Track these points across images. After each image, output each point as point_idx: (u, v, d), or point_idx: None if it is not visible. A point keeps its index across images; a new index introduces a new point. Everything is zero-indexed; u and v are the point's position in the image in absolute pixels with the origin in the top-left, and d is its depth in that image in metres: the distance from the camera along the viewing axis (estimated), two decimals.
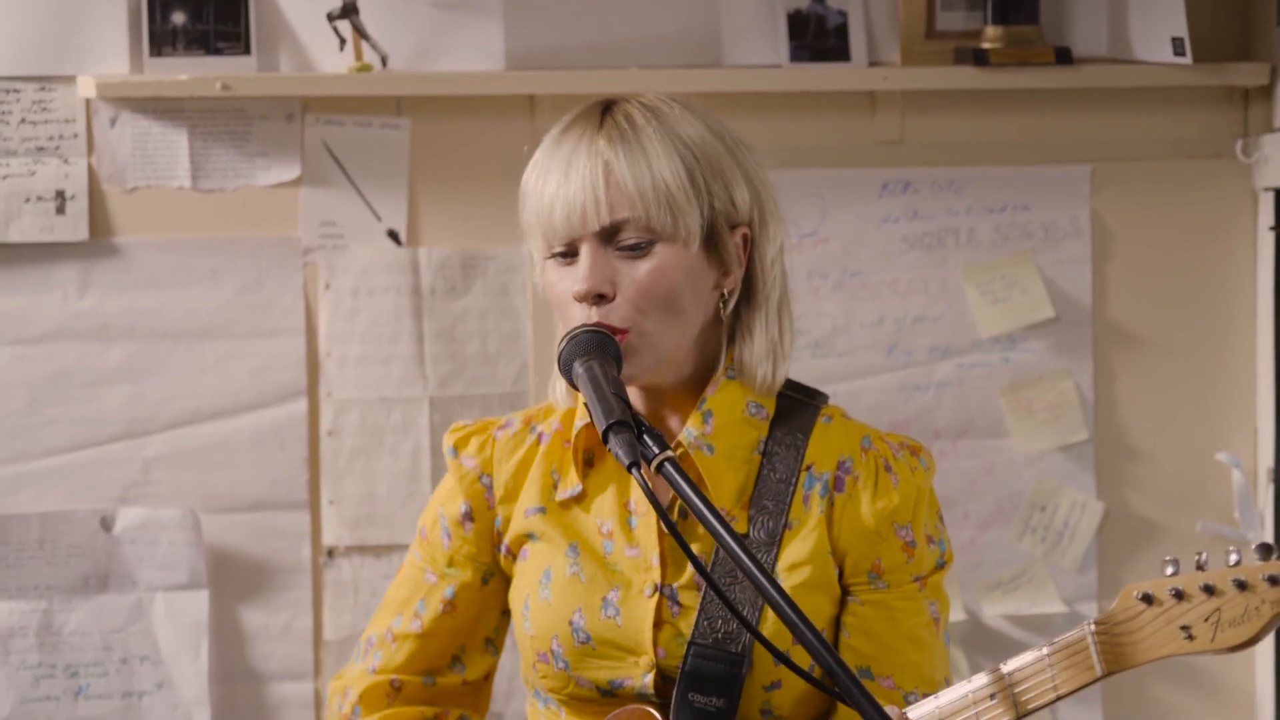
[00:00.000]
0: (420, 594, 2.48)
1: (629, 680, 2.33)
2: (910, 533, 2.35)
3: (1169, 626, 2.06)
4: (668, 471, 2.09)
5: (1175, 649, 2.05)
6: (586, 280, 2.28)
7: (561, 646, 2.34)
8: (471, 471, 2.44)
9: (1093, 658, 2.08)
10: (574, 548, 2.37)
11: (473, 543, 2.45)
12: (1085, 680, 2.08)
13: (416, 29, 3.34)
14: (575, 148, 2.31)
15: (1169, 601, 2.06)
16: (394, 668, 2.48)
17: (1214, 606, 2.04)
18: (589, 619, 2.34)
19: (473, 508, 2.44)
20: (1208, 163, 3.50)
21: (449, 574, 2.46)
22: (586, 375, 2.22)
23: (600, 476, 2.40)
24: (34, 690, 3.27)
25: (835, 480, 2.35)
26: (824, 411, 2.41)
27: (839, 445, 2.38)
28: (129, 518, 3.30)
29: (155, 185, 3.32)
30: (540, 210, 2.31)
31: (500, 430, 2.46)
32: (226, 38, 3.28)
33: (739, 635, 2.30)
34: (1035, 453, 3.49)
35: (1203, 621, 2.04)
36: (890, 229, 3.45)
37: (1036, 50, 3.40)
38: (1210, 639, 2.04)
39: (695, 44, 3.40)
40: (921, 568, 2.36)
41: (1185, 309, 3.51)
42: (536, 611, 2.37)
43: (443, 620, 2.47)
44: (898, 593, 2.35)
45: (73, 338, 3.31)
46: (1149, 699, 3.51)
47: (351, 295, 3.37)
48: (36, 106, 3.28)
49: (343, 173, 3.36)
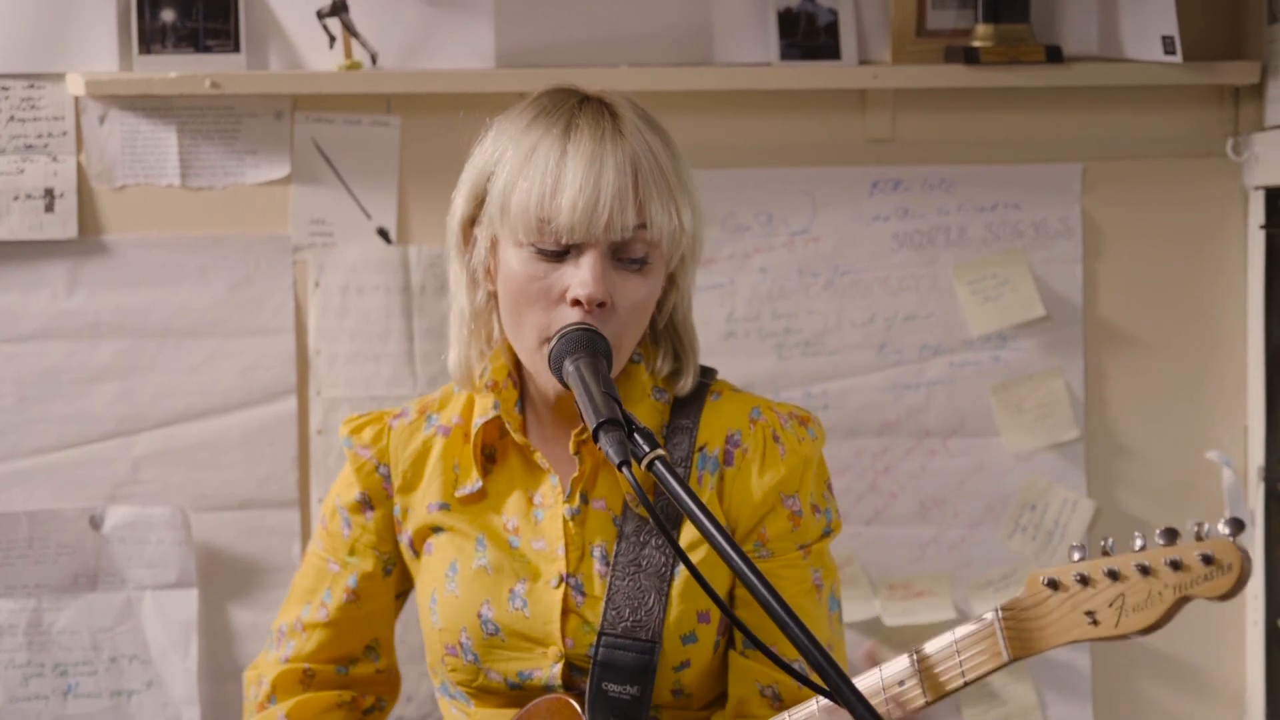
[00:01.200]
0: (325, 583, 2.49)
1: (537, 672, 2.34)
2: (797, 502, 2.39)
3: (1074, 612, 2.08)
4: (658, 470, 2.09)
5: (1080, 634, 2.07)
6: (595, 285, 2.28)
7: (470, 639, 2.35)
8: (368, 461, 2.46)
9: (999, 643, 2.11)
10: (481, 540, 2.38)
11: (372, 531, 2.46)
12: (992, 665, 2.12)
13: (406, 27, 3.33)
14: (600, 144, 2.31)
15: (1074, 587, 2.08)
16: (305, 656, 2.49)
17: (1118, 592, 2.05)
18: (497, 610, 2.35)
19: (370, 496, 2.46)
20: (1198, 161, 3.50)
21: (350, 563, 2.48)
22: (577, 374, 2.23)
23: (502, 473, 2.42)
24: (23, 689, 3.27)
25: (724, 454, 2.39)
26: (712, 388, 2.45)
27: (727, 420, 2.42)
28: (118, 516, 3.30)
29: (144, 183, 3.32)
30: (544, 200, 2.30)
31: (395, 420, 2.48)
32: (216, 35, 3.28)
33: (647, 623, 2.32)
34: (1026, 451, 3.49)
35: (1107, 607, 2.06)
36: (881, 227, 3.45)
37: (1027, 49, 3.39)
38: (1114, 624, 2.05)
39: (686, 42, 3.39)
40: (807, 536, 2.41)
41: (1176, 307, 3.51)
42: (444, 605, 2.38)
43: (348, 610, 2.48)
44: (781, 561, 2.39)
45: (62, 336, 3.30)
46: (1139, 697, 3.51)
47: (341, 293, 3.36)
48: (25, 104, 3.27)
49: (332, 171, 3.35)
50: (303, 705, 2.48)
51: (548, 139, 2.32)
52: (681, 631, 2.35)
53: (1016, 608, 2.11)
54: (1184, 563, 2.02)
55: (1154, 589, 2.04)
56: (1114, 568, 2.06)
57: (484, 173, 2.40)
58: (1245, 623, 3.51)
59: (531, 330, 2.34)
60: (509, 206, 2.33)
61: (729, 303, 3.41)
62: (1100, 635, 2.07)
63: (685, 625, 2.34)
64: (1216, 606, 3.50)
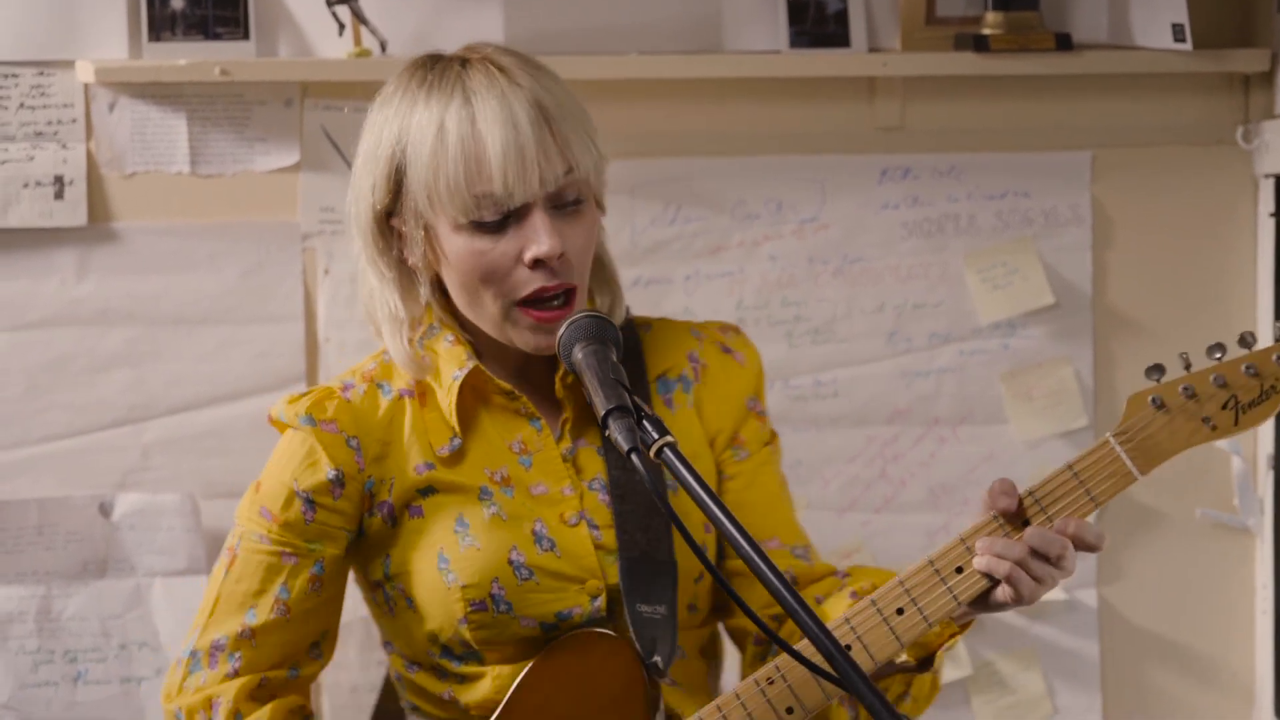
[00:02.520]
0: (277, 579, 2.40)
1: (576, 609, 2.34)
2: (758, 403, 2.50)
3: (1191, 421, 2.22)
4: (667, 457, 2.10)
5: (1201, 437, 2.22)
6: (551, 240, 2.28)
7: (504, 588, 2.34)
8: (338, 436, 2.41)
9: (1126, 464, 2.23)
10: (485, 489, 2.37)
11: (343, 511, 2.42)
12: (1123, 485, 2.24)
13: (416, 14, 3.33)
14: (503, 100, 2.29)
15: (1183, 400, 2.23)
16: (261, 665, 2.41)
17: (1229, 395, 2.22)
18: (528, 555, 2.34)
19: (344, 473, 2.41)
20: (1208, 149, 3.50)
21: (314, 550, 2.41)
22: (586, 361, 2.23)
23: (475, 430, 2.41)
24: (33, 676, 3.27)
25: (693, 371, 2.44)
26: (638, 321, 2.49)
27: (676, 343, 2.46)
28: (128, 503, 3.30)
29: (154, 170, 3.32)
30: (470, 172, 2.28)
31: (347, 392, 2.44)
32: (225, 23, 3.28)
33: (661, 542, 2.34)
34: (1035, 439, 3.48)
35: (1220, 410, 2.22)
36: (890, 215, 3.45)
37: (1037, 36, 3.39)
38: (1234, 422, 2.21)
39: (695, 29, 3.39)
40: (767, 433, 2.51)
41: (1185, 295, 3.51)
42: (464, 560, 2.35)
43: (308, 600, 2.41)
44: (757, 458, 2.46)
45: (71, 323, 3.31)
46: (1148, 685, 3.51)
47: (350, 281, 3.36)
48: (35, 91, 3.27)
49: (342, 158, 3.35)
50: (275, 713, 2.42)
51: (451, 111, 2.30)
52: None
53: (1130, 429, 2.23)
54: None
55: (1265, 385, 2.20)
56: (1221, 375, 2.21)
57: (391, 162, 2.37)
58: (1254, 611, 3.51)
59: (494, 303, 2.35)
60: (438, 191, 2.31)
61: (738, 290, 3.41)
62: (1219, 436, 2.21)
63: (695, 536, 2.33)
64: (1226, 595, 3.51)
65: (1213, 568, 3.52)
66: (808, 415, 3.42)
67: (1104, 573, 3.51)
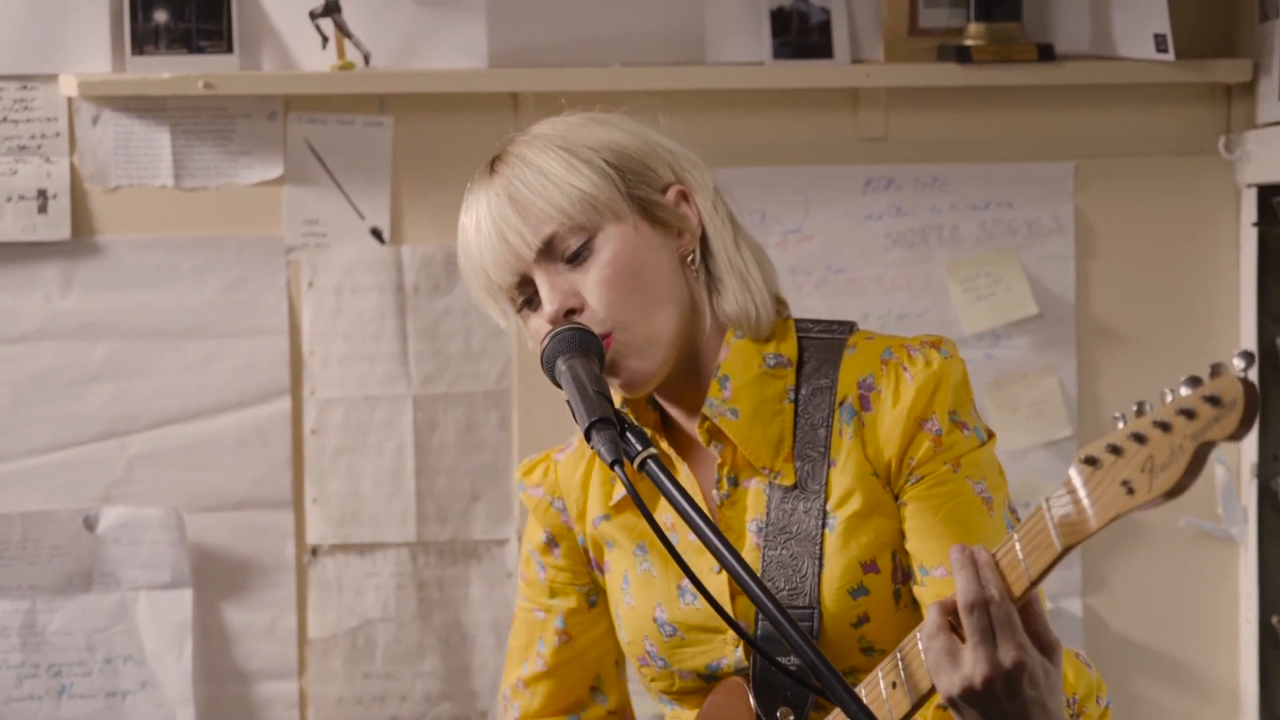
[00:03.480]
0: (537, 634, 2.46)
1: (724, 660, 2.32)
2: (935, 423, 2.27)
3: (1113, 485, 1.93)
4: (650, 469, 2.08)
5: (1121, 506, 1.92)
6: (550, 302, 2.27)
7: (654, 645, 2.34)
8: (542, 499, 2.44)
9: (1050, 534, 1.97)
10: (641, 546, 2.36)
11: (565, 568, 2.44)
12: (1049, 559, 1.97)
13: (399, 27, 3.33)
14: (475, 202, 2.32)
15: (1109, 459, 1.93)
16: (534, 713, 2.47)
17: (1147, 454, 1.89)
18: (670, 611, 2.33)
19: (553, 534, 2.44)
20: (1191, 159, 3.50)
21: (554, 605, 2.45)
22: (569, 373, 2.22)
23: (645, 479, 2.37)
24: (17, 690, 3.27)
25: (860, 400, 2.30)
26: (849, 342, 2.36)
27: (860, 368, 2.32)
28: (112, 517, 3.30)
29: (138, 184, 3.32)
30: (478, 278, 2.31)
31: (560, 454, 2.45)
32: (209, 36, 3.28)
33: (802, 588, 2.27)
34: (1019, 449, 3.49)
35: (1140, 472, 1.90)
36: (874, 226, 3.45)
37: (1019, 47, 3.40)
38: (1148, 488, 1.89)
39: (678, 41, 3.39)
40: (954, 451, 2.29)
41: (1169, 305, 3.51)
42: (625, 618, 2.37)
43: (562, 652, 2.46)
44: (931, 479, 2.25)
45: (55, 337, 3.30)
46: (1134, 694, 3.51)
47: (335, 294, 3.36)
48: (18, 105, 3.27)
49: (325, 171, 3.35)
50: None
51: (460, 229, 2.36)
52: (848, 586, 2.28)
53: (1063, 493, 1.97)
54: (1195, 410, 1.86)
55: (1174, 443, 1.87)
56: (1138, 430, 1.89)
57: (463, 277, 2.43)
58: (1239, 620, 3.52)
59: None
60: (477, 297, 2.36)
61: None
62: (1136, 504, 1.90)
63: (850, 580, 2.27)
64: (1210, 604, 3.51)
65: (1197, 577, 3.53)
66: None
67: (1089, 582, 3.52)
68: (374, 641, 3.37)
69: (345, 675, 3.36)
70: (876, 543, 2.27)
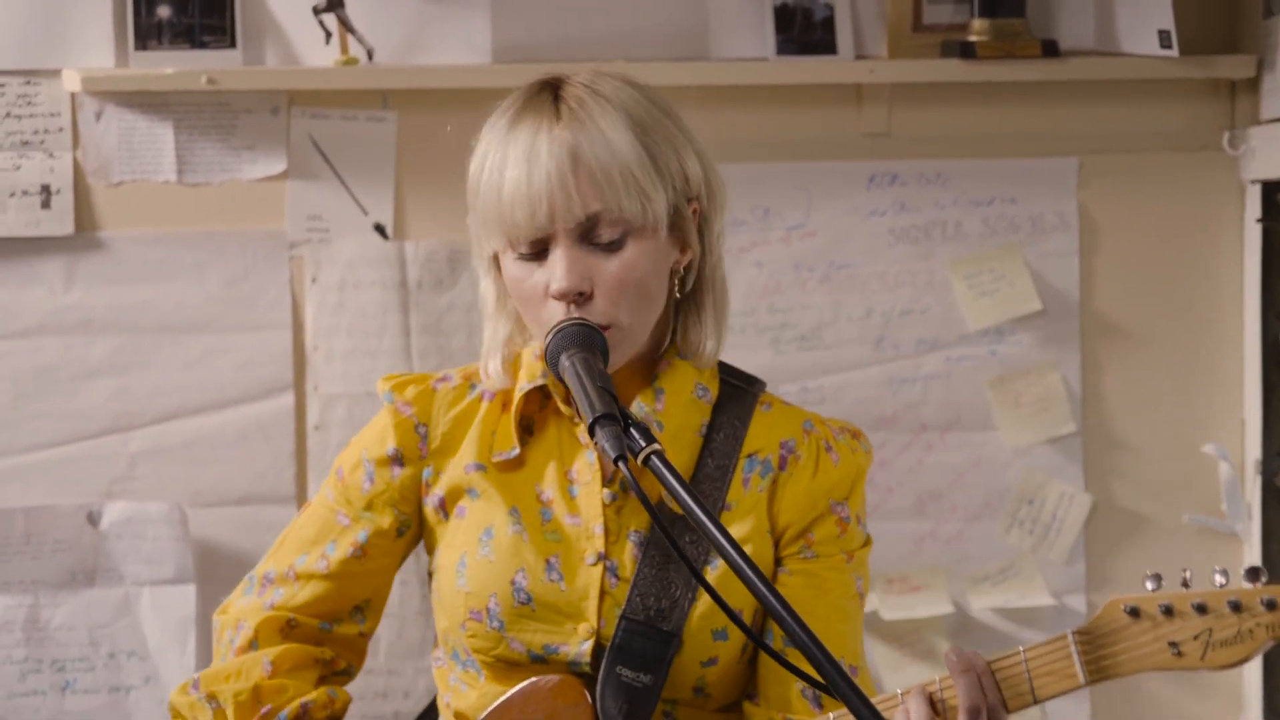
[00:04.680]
0: (331, 535, 2.45)
1: (564, 647, 2.33)
2: (846, 510, 2.40)
3: (1157, 642, 2.07)
4: (654, 464, 2.09)
5: (1162, 663, 2.07)
6: (566, 279, 2.27)
7: (499, 605, 2.34)
8: (408, 418, 2.44)
9: (1075, 666, 2.10)
10: (515, 509, 2.37)
11: (396, 489, 2.44)
12: (1066, 688, 2.10)
13: (403, 22, 3.33)
14: (534, 139, 2.29)
15: (1158, 617, 2.08)
16: (294, 606, 2.46)
17: (1205, 626, 2.06)
18: (532, 580, 2.34)
19: (404, 454, 2.44)
20: (1194, 155, 3.50)
21: (364, 517, 2.45)
22: (572, 369, 2.22)
23: (540, 445, 2.41)
24: (21, 685, 3.27)
25: (779, 460, 2.39)
26: (763, 399, 2.45)
27: (780, 429, 2.42)
28: (115, 512, 3.30)
29: (141, 179, 3.32)
30: (501, 207, 2.29)
31: (439, 383, 2.47)
32: (212, 31, 3.28)
33: (670, 613, 2.31)
34: (1023, 445, 3.49)
35: (1192, 639, 2.06)
36: (877, 222, 3.45)
37: (1023, 43, 3.39)
38: (1200, 657, 2.05)
39: (682, 37, 3.39)
40: (851, 544, 2.41)
41: (1172, 301, 3.51)
42: (475, 568, 2.36)
43: (350, 564, 2.46)
44: (826, 563, 2.39)
45: (58, 332, 3.30)
46: (1137, 692, 3.51)
47: (338, 289, 3.36)
48: (21, 100, 3.27)
49: (329, 166, 3.35)
50: (286, 654, 2.45)
51: (495, 142, 2.32)
52: (713, 626, 2.33)
53: (1093, 632, 2.10)
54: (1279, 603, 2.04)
55: (1244, 626, 2.05)
56: (1203, 602, 2.07)
57: (471, 189, 2.39)
58: None
59: (537, 329, 2.34)
60: (481, 218, 2.33)
61: None
62: (1183, 666, 2.07)
63: (717, 620, 2.33)
64: None
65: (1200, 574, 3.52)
66: None
67: (1092, 578, 3.52)
68: (376, 638, 3.37)
69: None
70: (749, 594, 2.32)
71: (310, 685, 2.45)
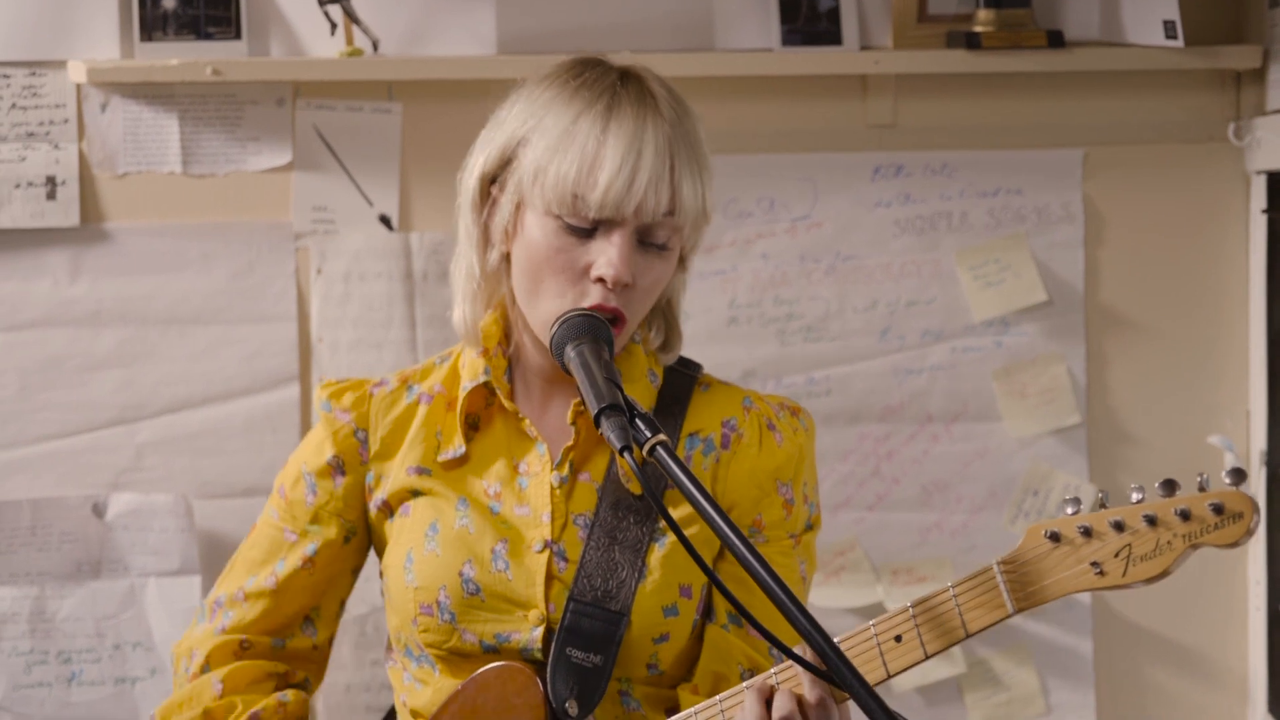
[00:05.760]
0: (280, 553, 2.49)
1: (516, 634, 2.35)
2: (790, 490, 2.43)
3: (1080, 564, 2.10)
4: (660, 455, 2.10)
5: (1085, 584, 2.09)
6: (622, 268, 2.30)
7: (449, 598, 2.36)
8: (346, 425, 2.47)
9: (1002, 595, 2.12)
10: (464, 501, 2.39)
11: (339, 498, 2.47)
12: (996, 618, 2.12)
13: (408, 13, 3.33)
14: (642, 127, 2.32)
15: (1078, 539, 2.10)
16: (244, 626, 2.49)
17: (1124, 542, 2.08)
18: (479, 571, 2.36)
19: (344, 461, 2.46)
20: (1200, 146, 3.50)
21: (311, 531, 2.48)
22: (579, 359, 2.23)
23: (486, 440, 2.43)
24: (26, 676, 3.27)
25: (722, 439, 2.42)
26: (700, 380, 2.48)
27: (721, 408, 2.45)
28: (121, 504, 3.30)
29: (146, 170, 3.32)
30: (587, 177, 2.30)
31: (376, 388, 2.50)
32: (217, 22, 3.28)
33: (618, 594, 2.33)
34: (1028, 436, 3.49)
35: (1113, 557, 2.09)
36: (883, 213, 3.45)
37: (1028, 34, 3.39)
38: (1122, 573, 2.08)
39: (687, 28, 3.39)
40: (795, 526, 2.44)
41: (1178, 292, 3.51)
42: (423, 563, 2.38)
43: (298, 577, 2.48)
44: (775, 548, 2.41)
45: (64, 323, 3.31)
46: (1142, 682, 3.51)
47: (343, 280, 3.36)
48: (27, 92, 3.27)
49: (334, 158, 3.35)
50: (236, 672, 2.47)
51: (590, 114, 2.33)
52: (663, 602, 2.36)
53: (1017, 560, 2.12)
54: (1193, 512, 2.05)
55: (1162, 539, 2.07)
56: (1119, 519, 2.09)
57: (515, 136, 2.40)
58: (1248, 608, 3.52)
59: (550, 299, 2.35)
60: (545, 176, 2.33)
61: (731, 289, 3.41)
62: (1106, 585, 2.09)
63: (666, 596, 2.35)
64: (1219, 592, 3.51)
65: (1206, 564, 3.52)
66: None
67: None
68: (381, 629, 3.37)
69: (354, 662, 3.36)
70: (698, 570, 2.34)
71: (263, 698, 2.46)
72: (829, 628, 2.10)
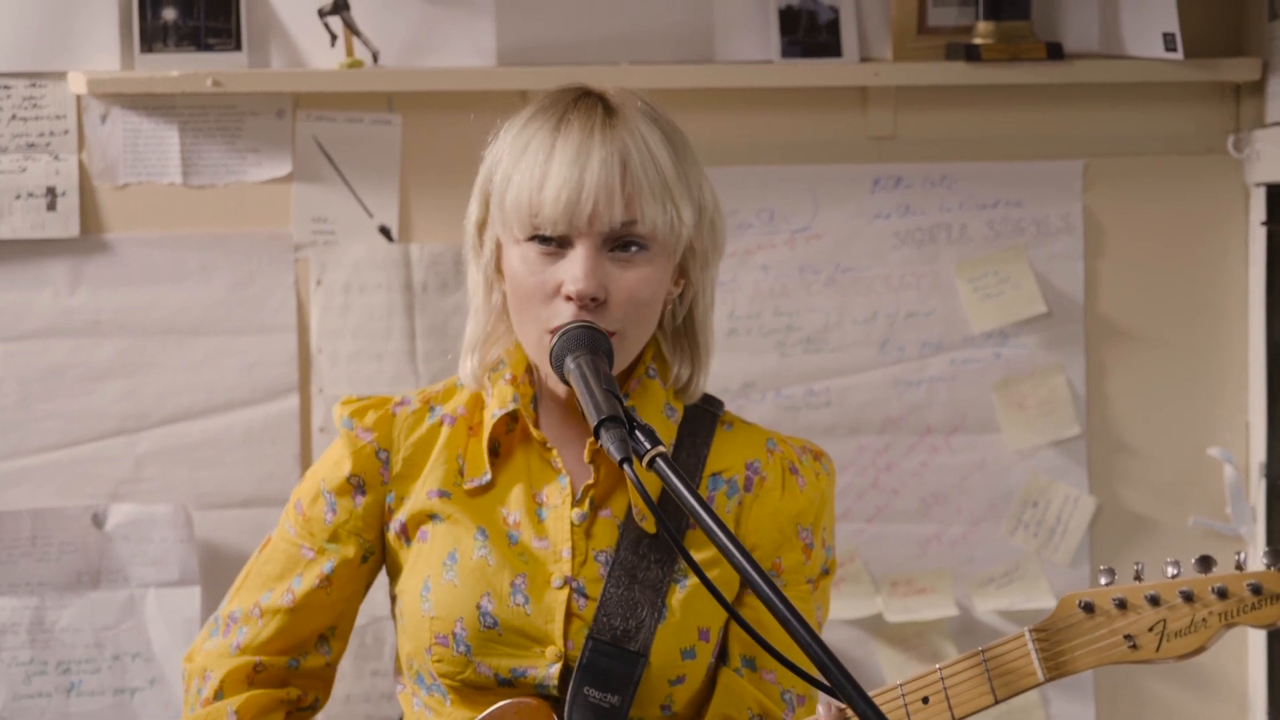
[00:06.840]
0: (296, 569, 2.45)
1: (532, 670, 2.33)
2: (810, 535, 2.41)
3: (1112, 636, 2.10)
4: (659, 467, 2.09)
5: (1118, 657, 2.10)
6: (585, 281, 2.28)
7: (465, 630, 2.34)
8: (368, 445, 2.44)
9: (1034, 663, 2.12)
10: (482, 531, 2.38)
11: (360, 517, 2.44)
12: (1025, 685, 2.13)
13: (408, 24, 3.34)
14: (587, 139, 2.31)
15: (1112, 610, 2.11)
16: (259, 645, 2.46)
17: (1159, 617, 2.08)
18: (497, 605, 2.34)
19: (365, 481, 2.44)
20: (1200, 158, 3.50)
21: (329, 549, 2.45)
22: (578, 371, 2.23)
23: (508, 469, 2.41)
24: (26, 687, 3.27)
25: (745, 481, 2.40)
26: (723, 419, 2.46)
27: (744, 449, 2.42)
28: (121, 514, 3.30)
29: (146, 181, 3.32)
30: (539, 196, 2.30)
31: (398, 407, 2.47)
32: (217, 34, 3.28)
33: (636, 634, 2.32)
34: (1027, 448, 3.49)
35: (1147, 631, 2.09)
36: (882, 224, 3.45)
37: (1028, 46, 3.40)
38: (1155, 649, 2.08)
39: (687, 39, 3.39)
40: (813, 571, 2.43)
41: (1177, 304, 3.51)
42: (440, 592, 2.36)
43: (315, 596, 2.46)
44: (792, 593, 2.40)
45: (64, 334, 3.31)
46: (1141, 693, 3.51)
47: (343, 291, 3.36)
48: (27, 103, 3.27)
49: (334, 169, 3.35)
50: (250, 702, 2.45)
51: (539, 134, 2.33)
52: (681, 645, 2.34)
53: (1050, 629, 2.13)
54: (1231, 591, 2.06)
55: (1198, 615, 2.07)
56: (1155, 593, 2.09)
57: (489, 174, 2.40)
58: None
59: (533, 325, 2.34)
60: (505, 203, 2.33)
61: (730, 300, 3.41)
62: (1139, 659, 2.09)
63: (685, 639, 2.34)
64: None
65: None
66: (800, 425, 3.42)
67: (1096, 582, 3.51)
68: (382, 639, 3.37)
69: (354, 673, 3.36)
70: (716, 614, 2.34)
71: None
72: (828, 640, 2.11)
